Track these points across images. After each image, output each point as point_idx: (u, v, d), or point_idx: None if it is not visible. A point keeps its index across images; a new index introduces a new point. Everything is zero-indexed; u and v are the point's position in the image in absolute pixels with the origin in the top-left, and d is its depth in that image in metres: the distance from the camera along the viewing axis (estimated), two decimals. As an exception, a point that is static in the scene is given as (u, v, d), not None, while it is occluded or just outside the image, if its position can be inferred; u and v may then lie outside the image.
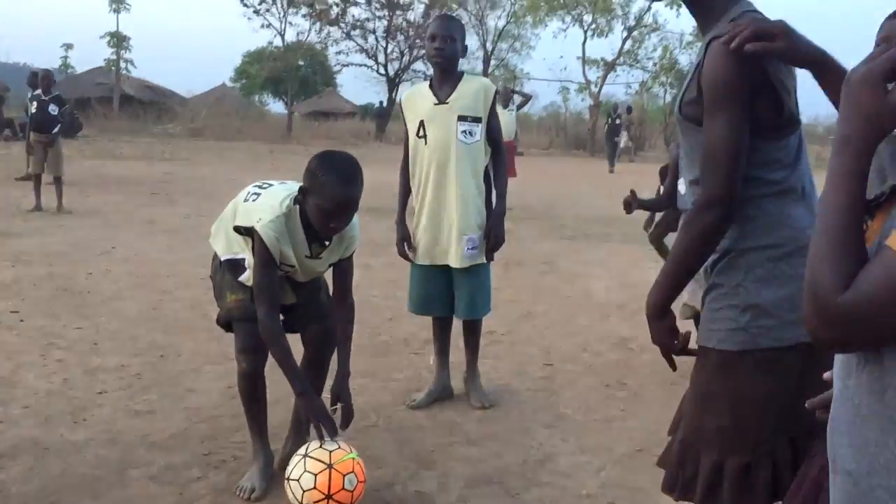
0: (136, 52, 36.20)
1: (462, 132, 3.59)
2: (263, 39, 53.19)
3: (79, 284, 6.01)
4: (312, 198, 2.64)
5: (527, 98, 14.83)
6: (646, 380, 4.33)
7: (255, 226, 2.69)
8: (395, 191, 3.86)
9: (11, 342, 4.54)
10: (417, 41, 33.90)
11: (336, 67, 38.48)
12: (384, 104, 35.60)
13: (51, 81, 10.44)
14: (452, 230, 3.63)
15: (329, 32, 32.61)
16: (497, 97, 3.75)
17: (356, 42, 33.62)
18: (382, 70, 34.76)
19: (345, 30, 32.79)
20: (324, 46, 34.04)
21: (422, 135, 3.64)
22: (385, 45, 34.06)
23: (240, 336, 2.89)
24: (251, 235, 2.75)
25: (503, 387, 4.14)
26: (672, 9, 25.07)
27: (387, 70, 34.64)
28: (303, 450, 2.71)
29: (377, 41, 33.95)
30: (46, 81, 10.34)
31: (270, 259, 2.70)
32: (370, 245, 6.71)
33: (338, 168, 2.63)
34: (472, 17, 33.80)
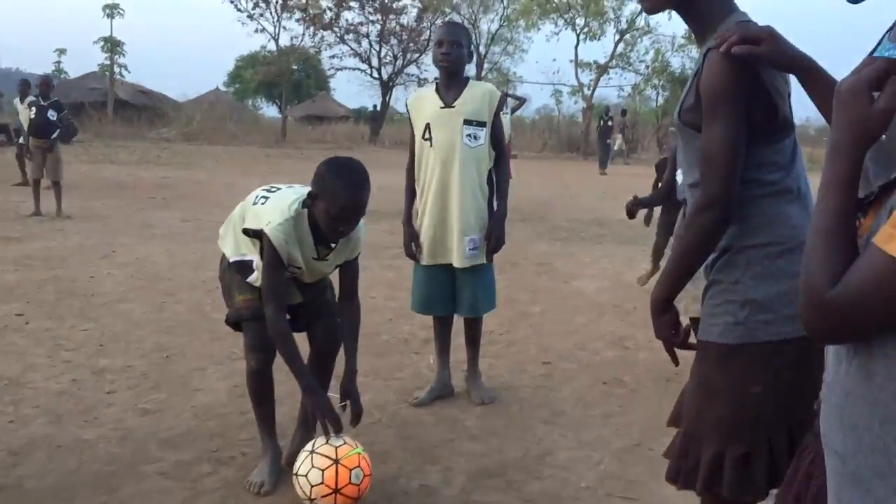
0: (129, 57, 36.01)
1: (467, 136, 3.68)
2: (257, 44, 53.36)
3: (82, 287, 6.08)
4: (321, 203, 2.73)
5: (521, 101, 14.96)
6: (642, 377, 4.43)
7: (265, 228, 2.77)
8: (392, 194, 3.95)
9: (19, 344, 4.62)
10: (411, 45, 34.04)
11: (330, 71, 38.59)
12: (378, 108, 35.70)
13: (49, 87, 10.52)
14: (455, 231, 3.72)
15: (323, 37, 32.69)
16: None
17: (350, 46, 33.76)
18: (376, 74, 34.87)
19: (338, 34, 32.89)
20: (317, 51, 34.08)
21: (427, 137, 3.74)
22: (378, 49, 34.20)
23: (249, 335, 2.97)
24: (260, 238, 2.84)
25: (503, 384, 4.23)
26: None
27: (380, 74, 34.75)
28: (309, 446, 2.78)
29: (371, 45, 34.11)
30: (45, 87, 10.41)
31: (279, 261, 2.79)
32: (368, 247, 6.69)
33: (346, 174, 2.73)
34: (466, 21, 33.84)
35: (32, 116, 10.21)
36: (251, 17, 30.89)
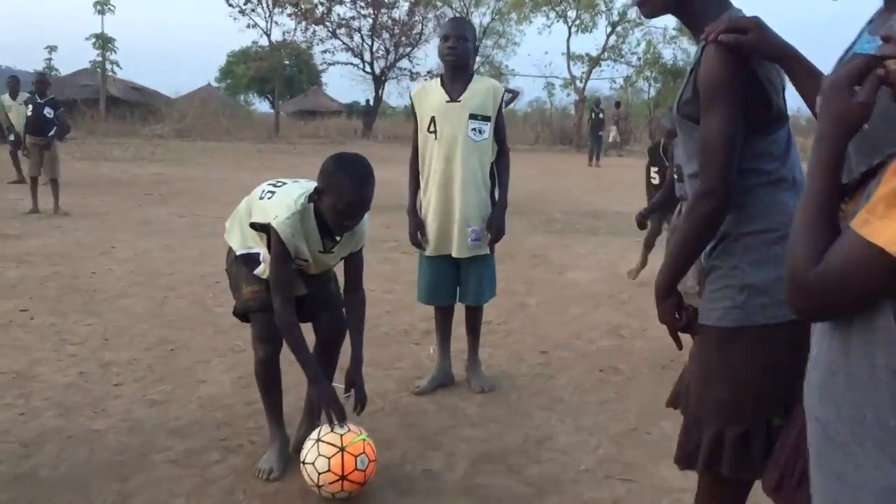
0: (121, 54, 35.89)
1: (472, 130, 3.77)
2: (248, 39, 53.23)
3: (84, 283, 6.14)
4: (328, 198, 2.80)
5: (514, 95, 15.01)
6: (637, 364, 4.52)
7: (272, 223, 2.85)
8: (387, 188, 4.02)
9: (24, 339, 4.69)
10: (403, 39, 33.98)
11: (322, 66, 38.47)
12: (371, 102, 35.66)
13: (46, 85, 10.54)
14: (458, 222, 3.81)
15: (315, 31, 32.62)
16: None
17: (342, 41, 33.63)
18: (368, 68, 34.82)
19: (330, 28, 32.79)
20: (309, 45, 34.02)
21: (432, 130, 3.82)
22: (371, 44, 34.10)
23: (256, 326, 3.05)
24: (267, 231, 2.92)
25: (501, 373, 4.32)
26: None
27: (373, 68, 34.69)
28: (315, 434, 2.86)
29: (363, 39, 33.98)
30: (41, 85, 10.43)
31: (286, 254, 2.86)
32: (366, 241, 6.84)
33: (352, 170, 2.80)
34: (457, 14, 33.91)
35: (29, 114, 10.24)
36: (243, 13, 30.83)
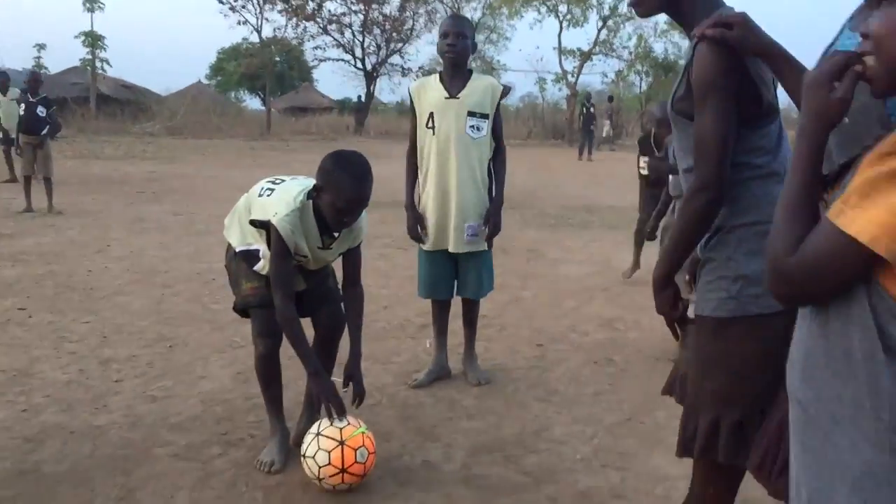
0: (111, 51, 35.80)
1: (470, 126, 3.82)
2: (238, 35, 53.08)
3: (80, 281, 6.17)
4: (327, 195, 2.85)
5: (505, 90, 15.01)
6: (631, 356, 4.58)
7: (272, 220, 2.89)
8: (381, 184, 4.03)
9: (24, 337, 4.72)
10: (394, 35, 33.97)
11: (313, 62, 38.43)
12: (362, 98, 35.63)
13: (38, 84, 10.53)
14: (456, 217, 3.85)
15: (305, 28, 32.56)
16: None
17: (333, 37, 33.60)
18: (359, 64, 34.80)
19: (321, 24, 32.75)
20: (300, 42, 33.95)
21: (431, 125, 3.86)
22: (362, 40, 34.09)
23: (256, 321, 3.10)
24: (267, 228, 2.96)
25: (497, 366, 4.38)
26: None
27: (364, 64, 34.67)
28: (315, 428, 2.91)
29: (354, 35, 33.97)
30: (34, 84, 10.42)
31: (286, 250, 2.91)
32: (361, 237, 6.88)
33: (350, 168, 2.85)
34: (449, 10, 33.88)
35: (21, 113, 10.23)
36: (233, 9, 30.74)
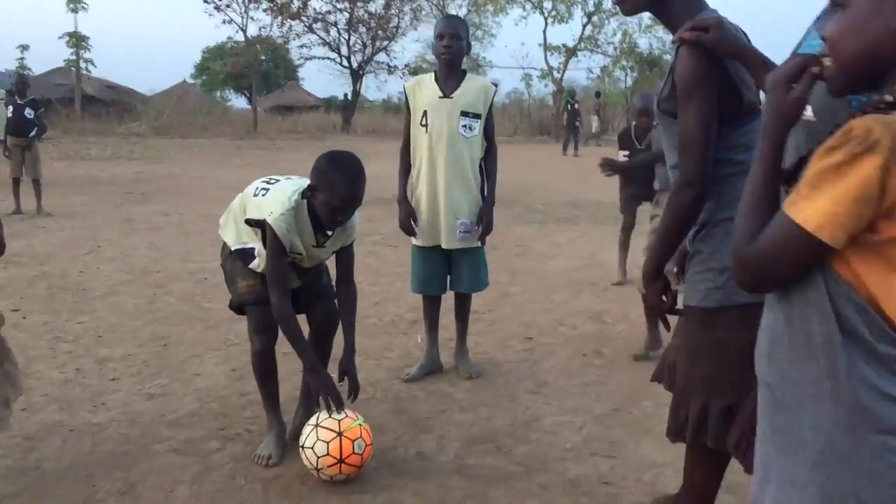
0: (95, 52, 35.62)
1: (463, 126, 3.90)
2: (223, 35, 52.87)
3: (73, 282, 6.21)
4: (321, 194, 2.92)
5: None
6: (619, 348, 4.68)
7: (267, 219, 2.96)
8: (369, 182, 4.09)
9: (19, 338, 4.74)
10: (380, 33, 33.99)
11: (299, 61, 38.42)
12: (349, 96, 35.61)
13: (26, 86, 10.53)
14: (448, 214, 3.93)
15: (291, 26, 32.54)
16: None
17: (318, 35, 33.61)
18: (345, 62, 34.79)
19: (306, 23, 32.74)
20: (286, 40, 33.92)
21: (424, 123, 3.94)
22: (347, 38, 34.10)
23: (253, 318, 3.16)
24: (262, 227, 3.03)
25: (488, 360, 4.46)
26: None
27: (350, 62, 34.67)
28: (314, 420, 2.99)
29: (339, 34, 33.98)
30: (21, 86, 10.42)
31: (282, 249, 2.97)
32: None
33: (344, 168, 2.92)
34: (434, 7, 33.95)
35: (9, 115, 10.23)
36: (218, 9, 30.68)
